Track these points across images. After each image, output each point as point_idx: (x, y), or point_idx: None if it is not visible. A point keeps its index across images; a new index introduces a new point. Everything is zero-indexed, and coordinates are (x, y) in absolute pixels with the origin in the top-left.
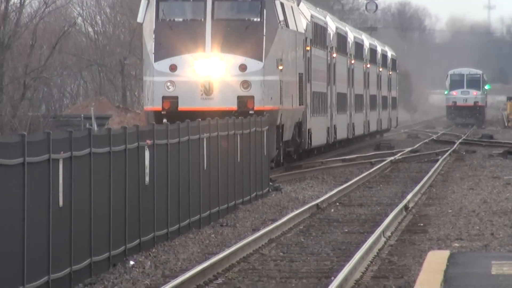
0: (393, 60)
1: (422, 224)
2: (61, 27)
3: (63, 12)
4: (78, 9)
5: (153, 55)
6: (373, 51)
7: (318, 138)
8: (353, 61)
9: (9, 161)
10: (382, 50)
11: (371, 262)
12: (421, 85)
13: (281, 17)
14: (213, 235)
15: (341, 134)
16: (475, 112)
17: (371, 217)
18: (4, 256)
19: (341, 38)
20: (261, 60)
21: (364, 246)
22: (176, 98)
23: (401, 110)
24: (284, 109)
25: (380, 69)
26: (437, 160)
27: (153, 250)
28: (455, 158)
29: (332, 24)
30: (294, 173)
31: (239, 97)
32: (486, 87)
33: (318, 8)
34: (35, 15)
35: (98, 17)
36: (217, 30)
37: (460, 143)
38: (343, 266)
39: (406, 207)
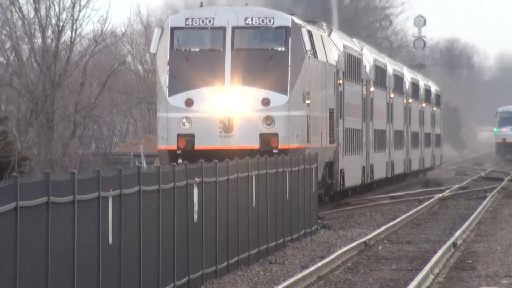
0: (437, 96)
1: (470, 261)
2: (110, 65)
3: (112, 50)
4: (128, 47)
5: (167, 89)
6: (415, 85)
7: (352, 179)
8: (392, 96)
9: (60, 199)
10: (425, 84)
11: None
12: (470, 122)
13: (308, 46)
14: (261, 272)
15: (379, 173)
16: None
17: (419, 254)
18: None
19: (379, 70)
20: (285, 93)
21: (412, 283)
22: (193, 136)
23: (450, 147)
24: (312, 148)
25: (423, 105)
26: (486, 197)
27: (202, 287)
28: (503, 195)
29: (369, 56)
30: (342, 210)
31: (261, 135)
32: None
33: (354, 39)
34: (85, 53)
35: (147, 55)
36: (238, 61)
37: (509, 180)
38: None
39: (454, 244)
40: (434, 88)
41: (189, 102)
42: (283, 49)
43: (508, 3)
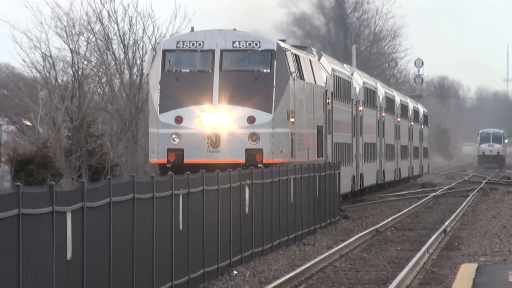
0: (425, 116)
1: (456, 244)
2: None
3: None
4: None
5: (158, 106)
6: (404, 106)
7: (342, 186)
8: (383, 114)
9: (142, 195)
10: (414, 106)
11: (418, 272)
12: (456, 139)
13: (293, 68)
14: (297, 252)
15: (369, 181)
16: (498, 159)
17: (418, 238)
18: (140, 266)
19: (369, 92)
20: (270, 112)
21: (412, 260)
22: (182, 150)
23: (441, 158)
24: (297, 162)
25: (412, 123)
26: (468, 195)
27: (252, 262)
28: (482, 194)
29: (358, 79)
30: (358, 205)
31: (247, 150)
32: (506, 141)
33: (345, 65)
34: None
35: None
36: (225, 81)
37: (486, 182)
38: (397, 275)
39: (444, 230)
40: (422, 110)
41: (179, 119)
42: (269, 70)
43: (485, 49)
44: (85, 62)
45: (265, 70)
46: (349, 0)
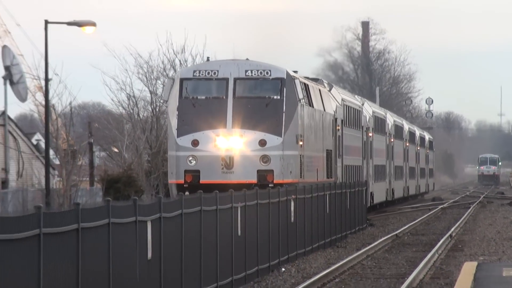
0: (430, 142)
1: (460, 246)
2: None
3: None
4: None
5: (176, 131)
6: (411, 133)
7: None
8: (392, 140)
9: (208, 208)
10: (420, 134)
11: (429, 268)
12: (460, 162)
13: (301, 95)
14: (332, 253)
15: (379, 198)
16: (494, 178)
17: (429, 241)
18: (206, 264)
19: (379, 120)
20: (280, 135)
21: (425, 259)
22: (198, 171)
23: (447, 177)
24: (306, 182)
25: (418, 148)
26: (470, 207)
27: (296, 261)
28: (480, 206)
29: (368, 109)
30: (381, 215)
31: (259, 171)
32: (500, 163)
33: (356, 96)
34: None
35: None
36: (238, 107)
37: (484, 197)
38: (412, 271)
39: (450, 235)
40: (428, 137)
41: (195, 143)
42: (279, 97)
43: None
44: (161, 101)
45: (275, 97)
46: (373, 50)
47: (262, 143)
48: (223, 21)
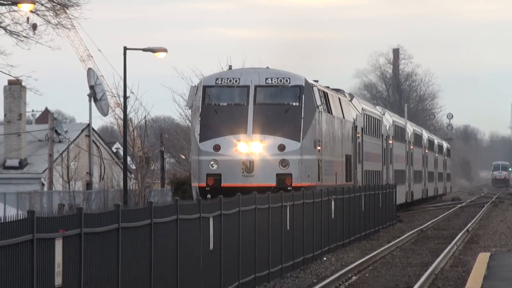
0: (448, 150)
1: (476, 239)
2: None
3: None
4: None
5: (198, 136)
6: (430, 142)
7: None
8: (411, 147)
9: (262, 206)
10: (438, 142)
11: (449, 258)
12: (476, 168)
13: (319, 102)
14: (367, 244)
15: (399, 200)
16: (505, 181)
17: (449, 235)
18: (260, 252)
19: (398, 129)
20: (298, 140)
21: (445, 250)
22: (219, 175)
23: (465, 181)
24: (324, 185)
25: (437, 155)
26: (484, 206)
27: (336, 252)
28: (493, 205)
29: (389, 118)
30: (408, 212)
31: (278, 175)
32: (510, 169)
33: (378, 106)
34: None
35: None
36: (259, 113)
37: (496, 197)
38: (435, 260)
39: (467, 230)
40: (446, 145)
41: (217, 147)
42: (297, 104)
43: (495, 105)
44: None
45: (294, 103)
46: (402, 72)
47: (281, 148)
48: (276, 47)
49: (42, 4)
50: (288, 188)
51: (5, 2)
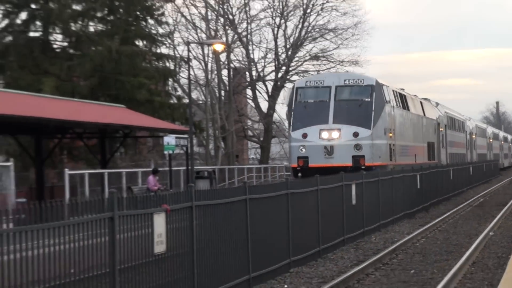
0: None
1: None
2: None
3: None
4: None
5: (291, 127)
6: (505, 137)
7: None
8: (491, 140)
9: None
10: (503, 135)
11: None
12: None
13: (387, 98)
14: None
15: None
16: None
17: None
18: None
19: (480, 129)
20: (369, 128)
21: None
22: (307, 158)
23: None
24: (397, 164)
25: (502, 143)
26: None
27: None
28: None
29: (472, 122)
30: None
31: (353, 156)
32: None
33: (464, 115)
34: None
35: None
36: (338, 107)
37: None
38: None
39: None
40: (510, 138)
41: (304, 135)
42: (369, 99)
43: None
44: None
45: (366, 99)
46: None
47: (355, 134)
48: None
49: None
50: (362, 167)
51: None
